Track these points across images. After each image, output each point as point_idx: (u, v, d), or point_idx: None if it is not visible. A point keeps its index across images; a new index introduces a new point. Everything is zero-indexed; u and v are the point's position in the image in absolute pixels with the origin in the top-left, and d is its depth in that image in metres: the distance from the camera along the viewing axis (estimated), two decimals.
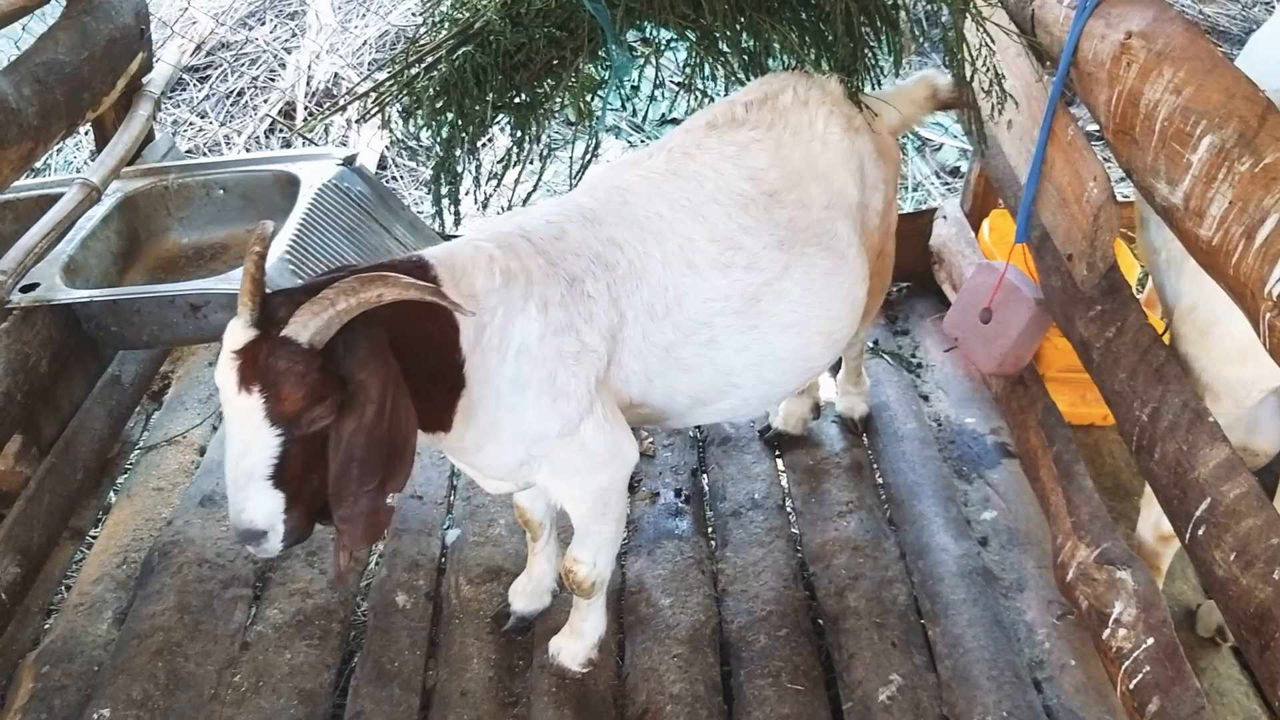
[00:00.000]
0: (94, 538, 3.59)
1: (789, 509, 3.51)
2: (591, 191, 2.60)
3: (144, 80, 3.88)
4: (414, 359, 2.10)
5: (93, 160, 4.56)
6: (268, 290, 2.02)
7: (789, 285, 2.59)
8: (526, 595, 3.08)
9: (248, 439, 1.98)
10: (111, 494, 3.74)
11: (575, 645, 2.93)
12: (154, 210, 3.67)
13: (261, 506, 2.02)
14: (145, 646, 3.01)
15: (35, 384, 3.09)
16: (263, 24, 7.24)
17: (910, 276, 4.45)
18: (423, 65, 3.17)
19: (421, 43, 3.24)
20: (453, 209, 3.23)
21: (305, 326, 1.91)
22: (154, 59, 3.96)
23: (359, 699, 2.90)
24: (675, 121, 6.40)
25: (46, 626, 3.24)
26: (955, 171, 5.98)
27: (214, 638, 3.06)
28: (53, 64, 3.24)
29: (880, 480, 3.60)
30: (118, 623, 3.19)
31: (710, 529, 3.48)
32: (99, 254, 3.42)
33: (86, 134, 5.58)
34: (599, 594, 2.85)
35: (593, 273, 2.41)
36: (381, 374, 1.97)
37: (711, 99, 3.05)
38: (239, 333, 1.98)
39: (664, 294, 2.49)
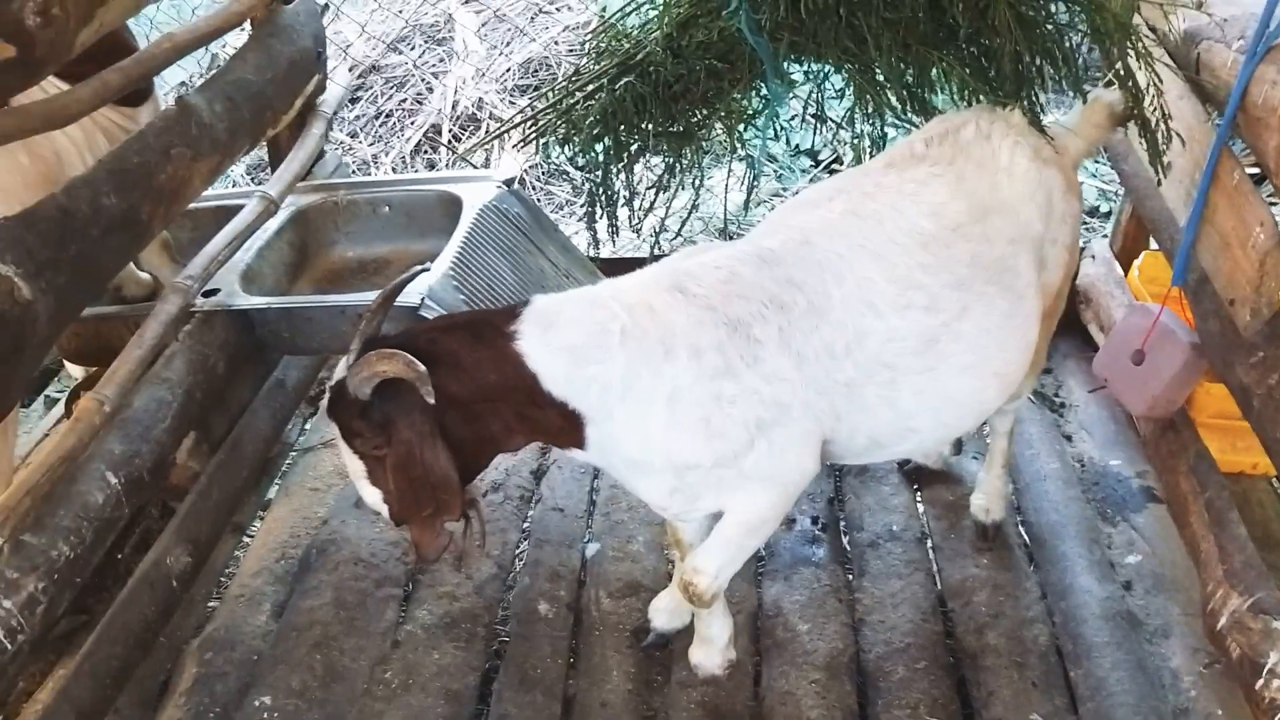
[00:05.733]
0: (251, 535, 3.78)
1: (928, 543, 3.51)
2: (773, 233, 2.65)
3: (318, 101, 4.09)
4: (498, 398, 2.44)
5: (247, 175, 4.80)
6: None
7: (967, 326, 2.58)
8: (667, 613, 3.14)
9: (344, 451, 2.50)
10: (270, 492, 3.92)
11: (710, 651, 3.01)
12: (323, 224, 3.87)
13: (367, 494, 2.55)
14: (304, 639, 3.16)
15: (213, 384, 3.27)
16: (412, 49, 7.52)
17: None
18: (583, 94, 3.29)
19: (583, 73, 3.36)
20: (611, 230, 3.34)
21: (353, 379, 2.31)
22: (327, 80, 4.17)
23: (502, 703, 3.00)
24: (810, 153, 6.44)
25: (209, 614, 3.42)
26: (1094, 212, 5.89)
27: (367, 634, 3.20)
28: (241, 83, 3.44)
29: (1021, 519, 3.57)
30: (275, 615, 3.35)
31: (847, 558, 3.50)
32: (273, 263, 3.62)
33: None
34: (718, 602, 2.89)
35: (762, 316, 2.45)
36: (406, 429, 2.36)
37: (880, 135, 3.10)
38: (339, 371, 2.44)
39: (844, 332, 2.50)
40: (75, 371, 4.25)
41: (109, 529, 2.74)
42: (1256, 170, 3.04)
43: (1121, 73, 2.86)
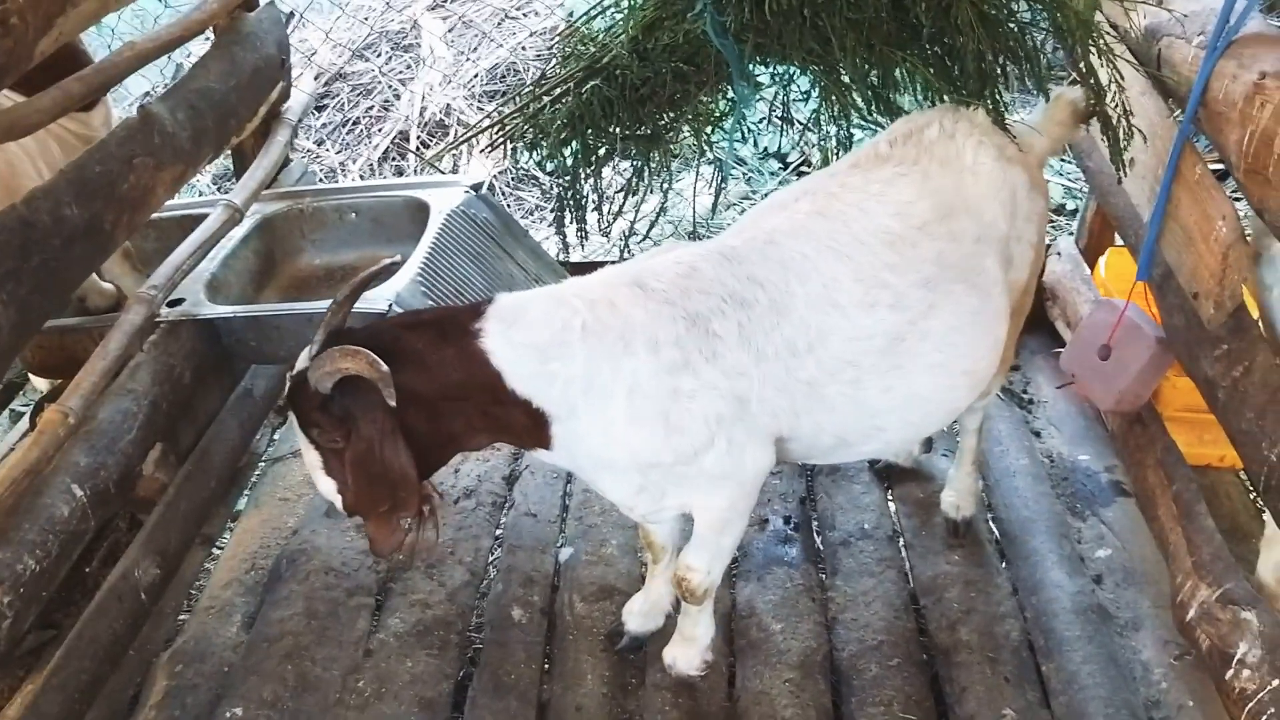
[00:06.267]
0: (220, 546, 3.74)
1: (899, 541, 3.53)
2: (739, 233, 2.67)
3: (282, 108, 4.06)
4: (461, 396, 2.44)
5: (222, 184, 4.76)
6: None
7: (934, 324, 2.59)
8: (641, 615, 3.14)
9: (301, 440, 2.49)
10: (239, 503, 3.89)
11: (690, 651, 3.00)
12: (289, 232, 3.85)
13: (321, 485, 2.53)
14: (275, 650, 3.13)
15: (179, 394, 3.25)
16: (378, 55, 7.49)
17: None
18: (550, 97, 3.29)
19: (550, 77, 3.36)
20: (579, 234, 3.33)
21: (314, 373, 2.29)
22: (292, 87, 4.14)
23: (477, 709, 2.99)
24: (779, 155, 6.46)
25: (179, 627, 3.39)
26: (1060, 209, 5.94)
27: (339, 644, 3.18)
28: (205, 91, 3.41)
29: (991, 515, 3.59)
30: (246, 626, 3.32)
31: (819, 557, 3.51)
32: (238, 272, 3.59)
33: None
34: (709, 599, 2.90)
35: (721, 311, 2.46)
36: (366, 426, 2.35)
37: (847, 136, 3.11)
38: (301, 360, 2.42)
39: (806, 331, 2.51)
40: (40, 384, 4.20)
41: (75, 542, 2.71)
42: (1219, 165, 3.07)
43: (1084, 70, 2.88)
